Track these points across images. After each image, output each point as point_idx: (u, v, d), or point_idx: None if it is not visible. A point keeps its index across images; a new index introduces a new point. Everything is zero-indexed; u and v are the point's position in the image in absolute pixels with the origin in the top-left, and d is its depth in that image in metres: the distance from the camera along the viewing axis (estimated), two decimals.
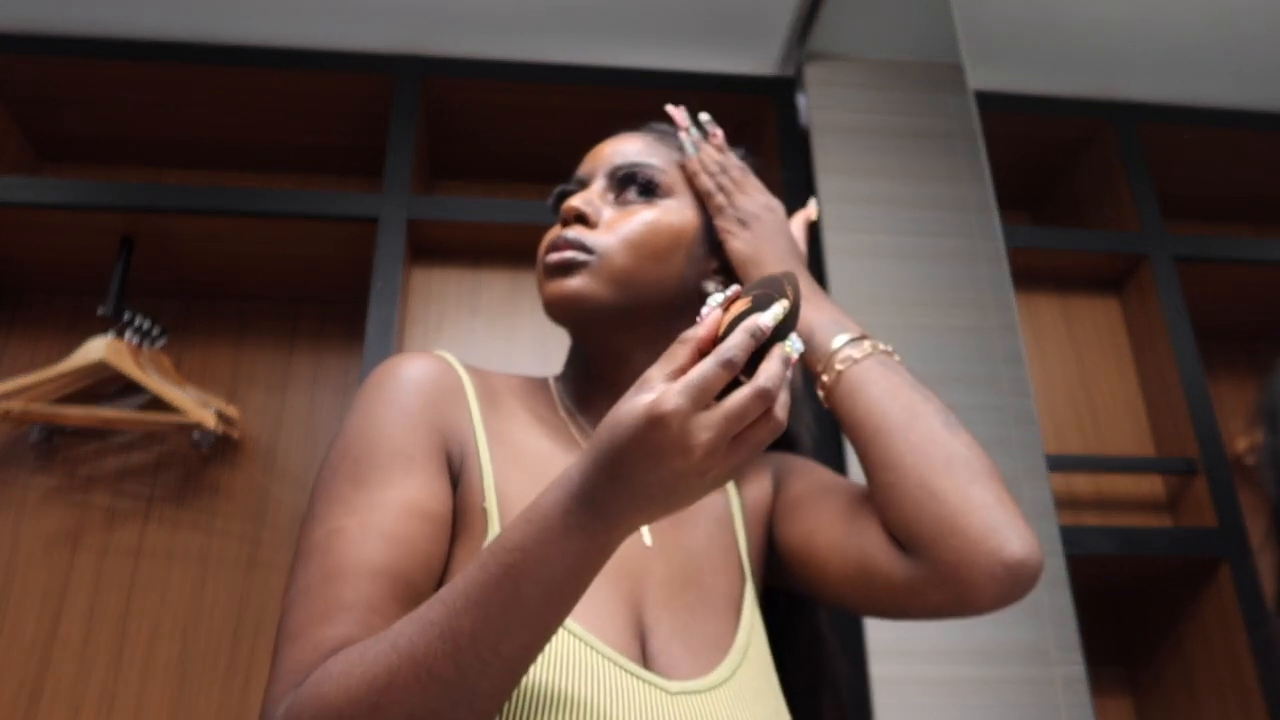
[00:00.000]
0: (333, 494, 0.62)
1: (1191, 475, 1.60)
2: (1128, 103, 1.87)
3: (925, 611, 0.65)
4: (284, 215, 1.69)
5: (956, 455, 0.64)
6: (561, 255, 0.72)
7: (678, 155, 0.80)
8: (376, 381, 0.68)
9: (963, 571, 0.61)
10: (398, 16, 1.80)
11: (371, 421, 0.65)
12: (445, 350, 0.76)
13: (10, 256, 1.79)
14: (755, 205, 0.78)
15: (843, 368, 0.69)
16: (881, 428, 0.67)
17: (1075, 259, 1.83)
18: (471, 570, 0.51)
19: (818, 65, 1.86)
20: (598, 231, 0.73)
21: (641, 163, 0.77)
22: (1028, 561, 0.60)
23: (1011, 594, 0.61)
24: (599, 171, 0.78)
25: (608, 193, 0.76)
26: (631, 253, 0.72)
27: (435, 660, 0.49)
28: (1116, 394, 1.79)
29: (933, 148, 1.79)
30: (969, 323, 1.59)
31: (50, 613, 1.69)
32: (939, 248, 1.70)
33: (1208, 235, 2.02)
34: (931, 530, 0.62)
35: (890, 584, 0.65)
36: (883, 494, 0.66)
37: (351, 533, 0.60)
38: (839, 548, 0.69)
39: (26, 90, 1.84)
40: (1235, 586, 1.48)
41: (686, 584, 0.69)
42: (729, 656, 0.66)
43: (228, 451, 1.84)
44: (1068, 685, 1.34)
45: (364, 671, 0.50)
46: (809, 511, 0.74)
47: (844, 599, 0.70)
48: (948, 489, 0.63)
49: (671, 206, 0.76)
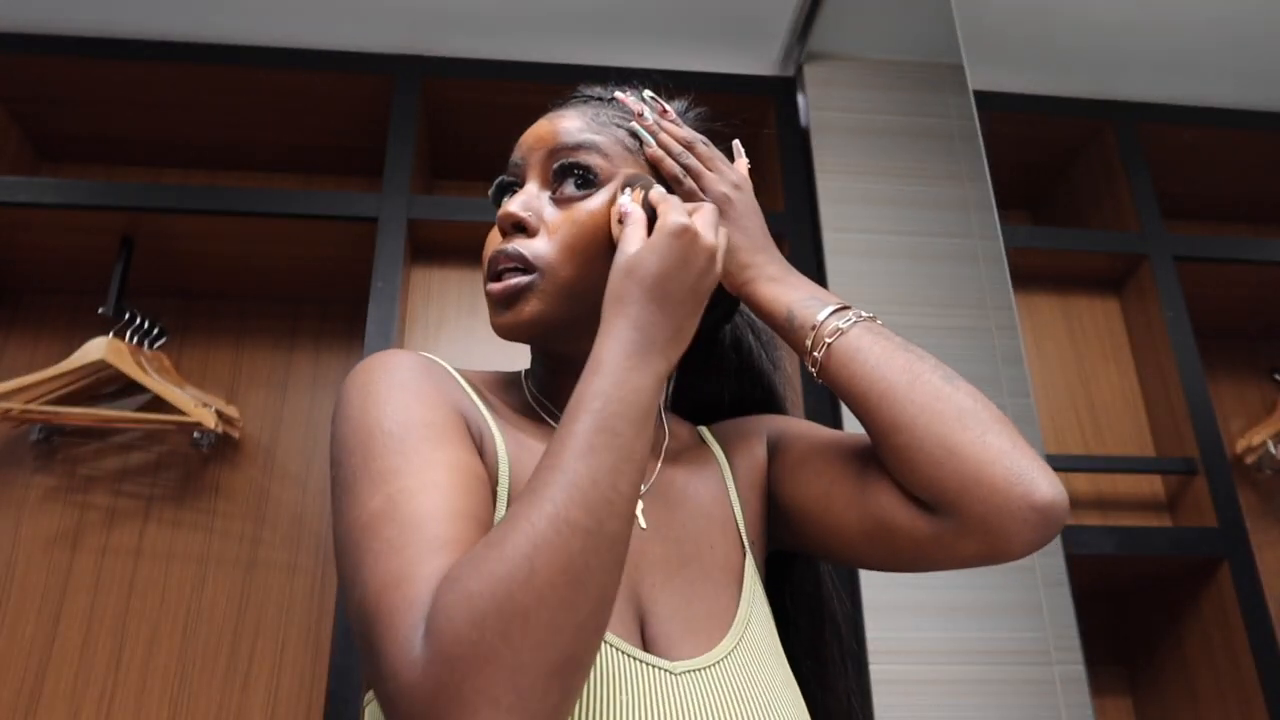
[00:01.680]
0: (375, 470, 0.58)
1: (1191, 475, 1.60)
2: (1128, 103, 1.87)
3: (955, 562, 0.65)
4: (284, 215, 1.69)
5: (965, 408, 0.64)
6: (504, 286, 0.69)
7: (619, 124, 0.75)
8: (376, 371, 0.65)
9: (993, 521, 0.61)
10: (398, 16, 1.80)
11: (390, 402, 0.62)
12: (446, 349, 0.76)
13: (10, 256, 1.79)
14: (725, 185, 0.75)
15: (831, 340, 0.69)
16: (885, 393, 0.66)
17: (1075, 259, 1.83)
18: (561, 431, 0.56)
19: (818, 65, 1.86)
20: (538, 240, 0.70)
21: (582, 143, 0.73)
22: (1057, 502, 0.61)
23: (1044, 537, 0.61)
24: (533, 161, 0.75)
25: (544, 189, 0.73)
26: (575, 260, 0.69)
27: (571, 510, 0.51)
28: (1116, 394, 1.79)
29: (933, 148, 1.79)
30: (969, 323, 1.59)
31: (50, 613, 1.69)
32: (939, 248, 1.70)
33: (1208, 235, 2.02)
34: (956, 486, 0.62)
35: (915, 539, 0.65)
36: (897, 456, 0.65)
37: (415, 490, 0.56)
38: (855, 504, 0.69)
39: (26, 90, 1.84)
40: (1235, 586, 1.48)
41: (683, 562, 0.69)
42: (731, 630, 0.66)
43: (228, 451, 1.84)
44: (1068, 685, 1.34)
45: (501, 550, 0.49)
46: (817, 471, 0.73)
47: (863, 556, 0.70)
48: (965, 443, 0.63)
49: (609, 196, 0.72)
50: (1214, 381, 1.75)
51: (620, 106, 0.77)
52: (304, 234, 1.73)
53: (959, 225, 1.69)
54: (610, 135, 0.74)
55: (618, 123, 0.76)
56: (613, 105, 0.77)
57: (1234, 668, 1.48)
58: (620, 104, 0.77)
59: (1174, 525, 1.65)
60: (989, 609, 1.43)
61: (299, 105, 1.89)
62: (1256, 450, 1.76)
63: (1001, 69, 1.81)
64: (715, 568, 0.70)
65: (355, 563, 0.54)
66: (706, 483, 0.76)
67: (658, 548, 0.69)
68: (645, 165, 0.75)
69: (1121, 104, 1.87)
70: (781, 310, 0.72)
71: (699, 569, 0.69)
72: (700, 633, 0.65)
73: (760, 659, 0.66)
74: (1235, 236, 2.03)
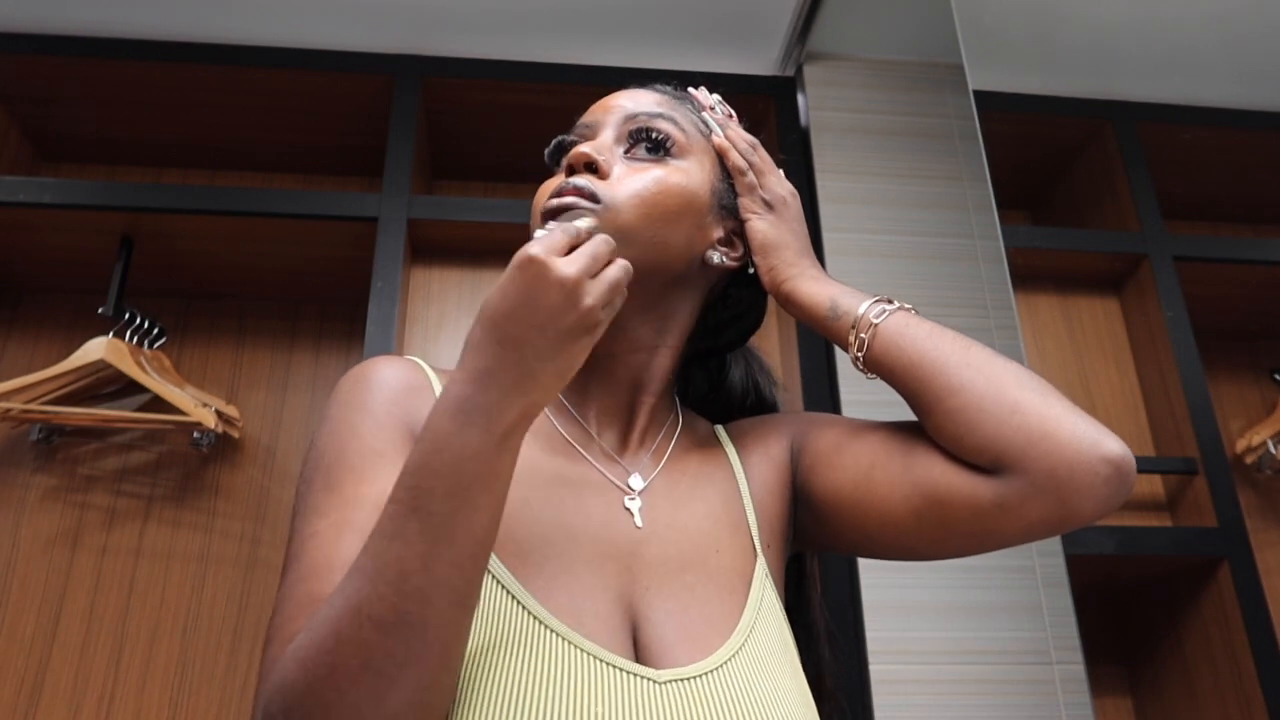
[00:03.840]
0: (308, 504, 0.62)
1: (1191, 475, 1.60)
2: (1128, 103, 1.86)
3: (1020, 528, 0.62)
4: (284, 215, 1.69)
5: (1023, 373, 0.65)
6: (564, 200, 0.67)
7: (692, 117, 0.77)
8: (345, 388, 0.67)
9: (1064, 475, 0.60)
10: (398, 16, 1.80)
11: (340, 427, 0.65)
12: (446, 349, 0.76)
13: (10, 256, 1.79)
14: (782, 189, 0.77)
15: (879, 320, 0.70)
16: (939, 361, 0.66)
17: (1075, 259, 1.83)
18: (386, 507, 0.52)
19: (817, 65, 1.86)
20: (607, 184, 0.69)
21: (658, 114, 0.74)
22: (1128, 458, 0.60)
23: (1118, 494, 0.60)
24: (608, 123, 0.74)
25: (617, 145, 0.73)
26: (641, 211, 0.68)
27: (371, 605, 0.49)
28: (1116, 394, 1.79)
29: (933, 148, 1.79)
30: (969, 323, 1.59)
31: (50, 613, 1.69)
32: (939, 248, 1.70)
33: (1208, 235, 2.02)
34: (1022, 441, 0.61)
35: (976, 507, 0.63)
36: (955, 419, 0.64)
37: (325, 534, 0.59)
38: (901, 482, 0.67)
39: (26, 90, 1.84)
40: (1235, 586, 1.48)
41: (685, 566, 0.67)
42: (731, 638, 0.64)
43: (228, 451, 1.84)
44: (1067, 685, 1.34)
45: (310, 639, 0.51)
46: (855, 455, 0.71)
47: (909, 538, 0.67)
48: (1028, 401, 0.62)
49: (684, 168, 0.73)
50: (1214, 381, 1.75)
51: (691, 100, 0.79)
52: (304, 234, 1.73)
53: (959, 225, 1.69)
54: (685, 115, 0.76)
55: (691, 111, 0.78)
56: (684, 97, 0.80)
57: (1234, 668, 1.47)
58: (692, 98, 0.80)
59: (1174, 525, 1.65)
60: (989, 609, 1.43)
61: (299, 105, 1.89)
62: (1256, 450, 1.75)
63: (1001, 69, 1.81)
64: (720, 571, 0.68)
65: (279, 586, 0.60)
66: (716, 483, 0.74)
67: (654, 549, 0.67)
68: (713, 154, 0.77)
69: (1121, 104, 1.86)
70: (824, 302, 0.72)
71: (701, 572, 0.67)
72: (697, 639, 0.63)
73: (764, 668, 0.63)
74: (1235, 236, 2.03)
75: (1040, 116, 1.89)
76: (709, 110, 0.78)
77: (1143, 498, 1.69)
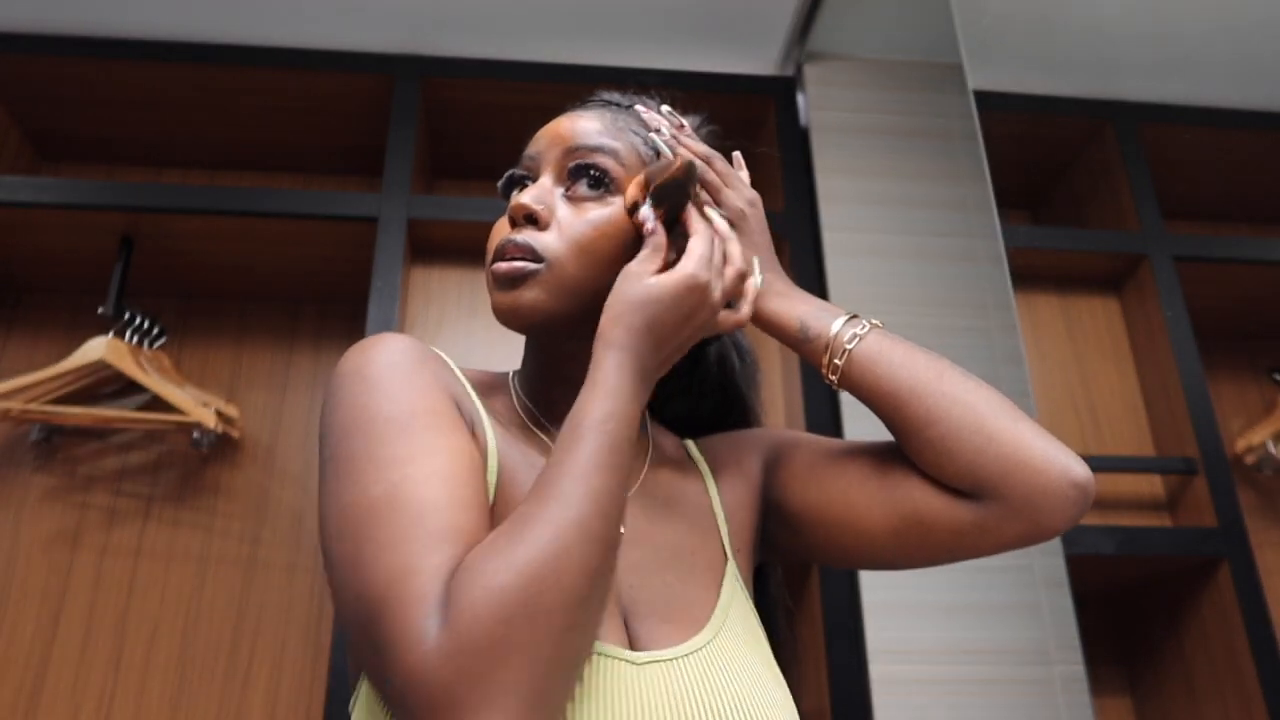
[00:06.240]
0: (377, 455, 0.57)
1: (1191, 475, 1.60)
2: (1128, 103, 1.87)
3: (995, 545, 0.68)
4: (284, 215, 1.69)
5: (992, 399, 0.68)
6: (510, 265, 0.68)
7: (635, 140, 0.75)
8: (372, 354, 0.64)
9: (1038, 500, 0.65)
10: (398, 16, 1.80)
11: (390, 386, 0.62)
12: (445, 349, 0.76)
13: (10, 256, 1.79)
14: (740, 202, 0.76)
15: (851, 345, 0.70)
16: (915, 388, 0.68)
17: (1075, 259, 1.83)
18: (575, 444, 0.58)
19: (817, 65, 1.86)
20: (548, 234, 0.70)
21: (600, 146, 0.73)
22: (1090, 480, 0.66)
23: (1081, 512, 0.66)
24: (550, 158, 0.74)
25: (558, 185, 0.73)
26: (584, 260, 0.69)
27: (593, 520, 0.54)
28: (1116, 394, 1.79)
29: (933, 148, 1.79)
30: (969, 323, 1.59)
31: (50, 613, 1.69)
32: (939, 248, 1.70)
33: (1208, 235, 2.02)
34: (998, 471, 0.66)
35: (956, 529, 0.68)
36: (934, 448, 0.68)
37: (419, 478, 0.56)
38: (880, 503, 0.71)
39: (26, 90, 1.84)
40: (1235, 586, 1.48)
41: (663, 566, 0.70)
42: (706, 627, 0.67)
43: (228, 451, 1.84)
44: (1068, 685, 1.34)
45: (529, 549, 0.51)
46: (832, 475, 0.74)
47: (887, 553, 0.72)
48: (1000, 429, 0.66)
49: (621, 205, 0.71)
50: (1214, 381, 1.75)
51: (639, 116, 0.77)
52: (304, 234, 1.74)
53: (959, 225, 1.69)
54: (627, 143, 0.74)
55: (635, 131, 0.76)
56: (631, 114, 0.78)
57: (1234, 668, 1.47)
58: (639, 115, 0.78)
59: (1174, 525, 1.65)
60: (989, 609, 1.43)
61: (299, 105, 1.89)
62: (1256, 450, 1.76)
63: (1001, 69, 1.81)
64: (697, 569, 0.71)
65: (354, 551, 0.54)
66: (689, 494, 0.77)
67: (636, 552, 0.69)
68: None
69: (1121, 104, 1.86)
70: (793, 323, 0.73)
71: (680, 571, 0.70)
72: (676, 625, 0.66)
73: (740, 652, 0.66)
74: (1235, 236, 2.03)
75: (1040, 116, 1.89)
76: (655, 133, 0.76)
77: (1143, 498, 1.70)
